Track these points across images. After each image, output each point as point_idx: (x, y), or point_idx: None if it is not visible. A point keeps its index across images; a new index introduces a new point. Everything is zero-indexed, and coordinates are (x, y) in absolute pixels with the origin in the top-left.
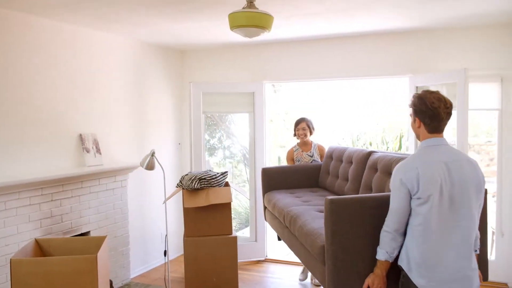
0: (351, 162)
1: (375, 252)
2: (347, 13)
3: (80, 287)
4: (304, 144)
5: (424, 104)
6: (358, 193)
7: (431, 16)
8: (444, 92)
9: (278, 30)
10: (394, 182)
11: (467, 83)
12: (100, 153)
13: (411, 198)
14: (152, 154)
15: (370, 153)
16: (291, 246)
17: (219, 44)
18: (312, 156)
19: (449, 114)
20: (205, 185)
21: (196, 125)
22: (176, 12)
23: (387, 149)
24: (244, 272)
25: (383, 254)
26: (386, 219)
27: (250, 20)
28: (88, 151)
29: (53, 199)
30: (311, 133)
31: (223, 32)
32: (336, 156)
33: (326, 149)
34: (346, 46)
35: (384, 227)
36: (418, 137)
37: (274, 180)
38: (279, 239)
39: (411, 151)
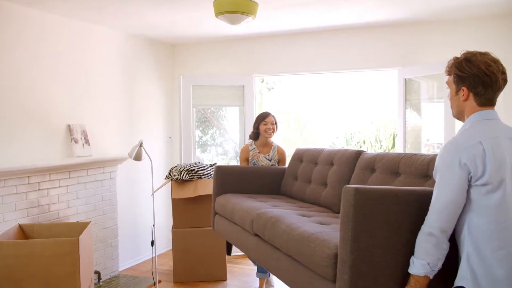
0: (332, 164)
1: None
2: (336, 4)
3: (62, 270)
4: (264, 145)
5: (476, 67)
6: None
7: (420, 7)
8: (432, 85)
9: (268, 23)
10: (448, 164)
11: None
12: (89, 144)
13: (469, 186)
14: (140, 145)
15: (359, 153)
16: (263, 260)
17: (209, 38)
18: (270, 160)
19: (505, 82)
20: (194, 177)
21: (186, 118)
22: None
23: (380, 147)
24: (233, 265)
25: (422, 266)
26: (428, 217)
27: (235, 6)
28: (76, 142)
29: (40, 188)
30: (274, 132)
31: (213, 25)
32: (308, 159)
33: (293, 151)
34: (335, 40)
35: (425, 229)
36: (460, 113)
37: (229, 182)
38: (228, 252)
39: (400, 149)
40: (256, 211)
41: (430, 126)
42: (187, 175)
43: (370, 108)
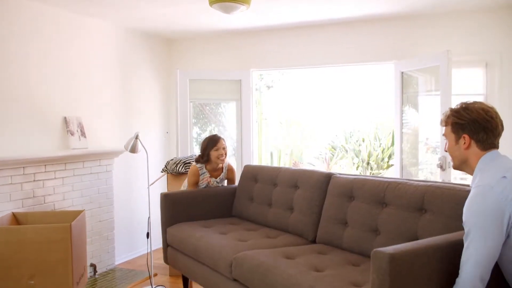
0: (296, 187)
1: None
2: None
3: (54, 256)
4: (216, 169)
5: (476, 113)
6: (317, 227)
7: (415, 0)
8: (428, 77)
9: (265, 17)
10: (480, 213)
11: (450, 65)
12: (85, 137)
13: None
14: (136, 137)
15: (329, 176)
16: None
17: (206, 32)
18: (219, 183)
19: (502, 128)
20: None
21: (183, 112)
22: None
23: (379, 145)
24: None
25: None
26: (465, 270)
27: None
28: (72, 134)
29: (35, 179)
30: (226, 155)
31: (210, 19)
32: (264, 179)
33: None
34: (332, 33)
35: (464, 282)
36: (463, 162)
37: (178, 210)
38: (185, 284)
39: (398, 145)
40: (233, 254)
41: (427, 123)
42: (183, 168)
43: (369, 106)
